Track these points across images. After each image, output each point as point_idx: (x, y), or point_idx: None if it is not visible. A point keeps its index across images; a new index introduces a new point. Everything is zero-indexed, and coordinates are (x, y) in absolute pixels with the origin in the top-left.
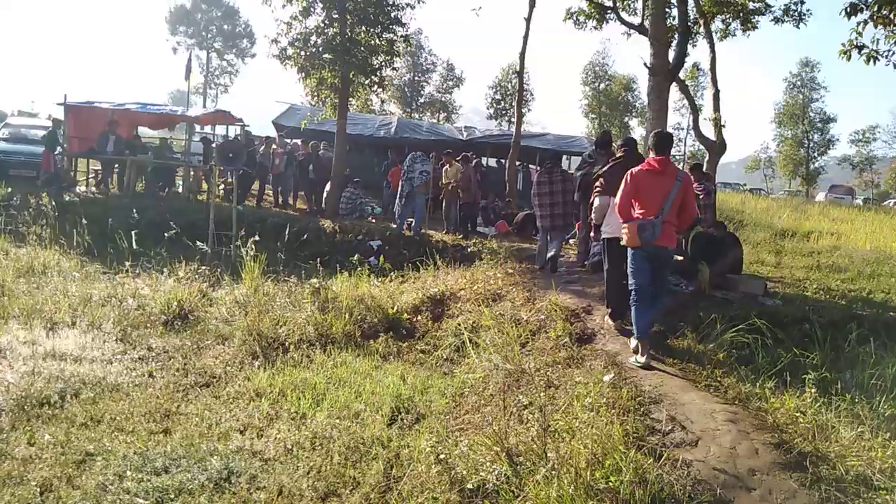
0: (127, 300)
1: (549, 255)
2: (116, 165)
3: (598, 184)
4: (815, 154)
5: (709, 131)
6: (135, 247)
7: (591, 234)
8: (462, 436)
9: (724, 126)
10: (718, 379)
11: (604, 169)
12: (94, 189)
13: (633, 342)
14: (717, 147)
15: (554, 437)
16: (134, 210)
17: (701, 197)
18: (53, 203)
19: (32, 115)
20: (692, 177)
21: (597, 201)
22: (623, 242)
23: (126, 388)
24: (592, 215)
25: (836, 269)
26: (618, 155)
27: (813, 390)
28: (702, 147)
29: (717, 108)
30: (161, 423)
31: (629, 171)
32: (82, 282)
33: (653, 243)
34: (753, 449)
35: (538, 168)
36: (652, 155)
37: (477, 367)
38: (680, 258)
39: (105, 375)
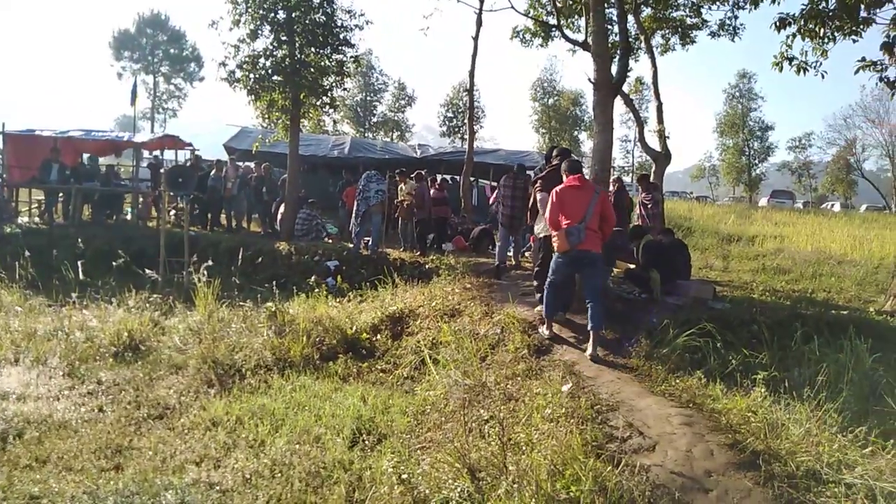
0: (74, 333)
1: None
2: (61, 194)
3: (538, 184)
4: (756, 161)
5: (654, 142)
6: (81, 277)
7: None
8: (424, 454)
9: (668, 137)
10: (673, 383)
11: (544, 172)
12: (37, 219)
13: (542, 318)
14: (662, 157)
15: (515, 449)
16: (80, 240)
17: (649, 206)
18: None
19: None
20: (640, 187)
21: (538, 195)
22: (555, 248)
23: (74, 425)
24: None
25: (780, 270)
26: (553, 162)
27: (763, 389)
28: (648, 158)
29: (661, 120)
30: (112, 459)
31: (553, 191)
32: (26, 316)
33: (578, 247)
34: (709, 450)
35: (496, 182)
36: (570, 176)
37: (437, 383)
38: (632, 266)
39: (51, 413)
